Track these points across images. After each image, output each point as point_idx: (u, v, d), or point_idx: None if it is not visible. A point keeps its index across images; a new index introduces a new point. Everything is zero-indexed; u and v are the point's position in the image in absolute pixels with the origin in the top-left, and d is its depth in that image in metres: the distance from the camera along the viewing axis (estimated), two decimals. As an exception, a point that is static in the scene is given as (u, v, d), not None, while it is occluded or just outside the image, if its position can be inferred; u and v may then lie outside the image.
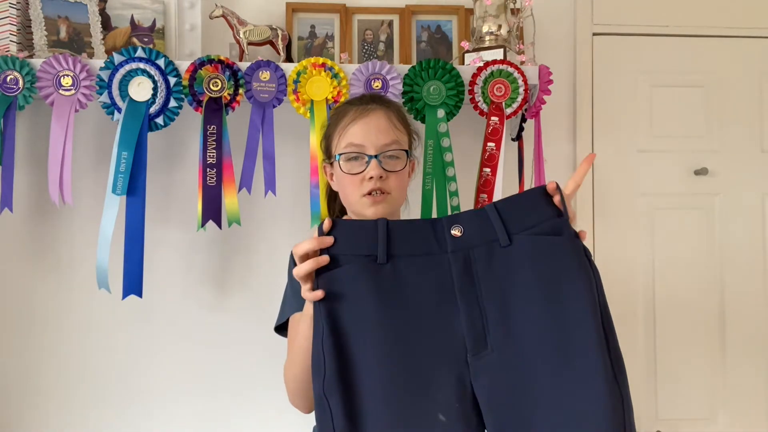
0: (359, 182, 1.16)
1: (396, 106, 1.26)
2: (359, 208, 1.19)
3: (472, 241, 0.88)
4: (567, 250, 0.87)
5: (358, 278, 0.88)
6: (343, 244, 0.91)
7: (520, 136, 1.73)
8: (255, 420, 1.74)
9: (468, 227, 0.89)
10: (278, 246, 1.72)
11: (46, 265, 1.71)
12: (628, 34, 1.92)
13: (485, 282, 0.87)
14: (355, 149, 1.17)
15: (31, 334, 1.71)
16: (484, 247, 0.88)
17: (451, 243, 0.89)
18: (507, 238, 0.88)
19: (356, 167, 1.17)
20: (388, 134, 1.18)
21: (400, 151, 1.18)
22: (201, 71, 1.53)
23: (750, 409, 1.90)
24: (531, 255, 0.87)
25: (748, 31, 1.94)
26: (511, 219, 0.89)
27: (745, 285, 1.92)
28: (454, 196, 1.60)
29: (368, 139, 1.17)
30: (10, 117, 1.52)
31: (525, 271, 0.87)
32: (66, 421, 1.70)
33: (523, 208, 0.89)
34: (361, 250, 0.90)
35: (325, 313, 0.87)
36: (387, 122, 1.19)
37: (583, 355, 0.82)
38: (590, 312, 0.83)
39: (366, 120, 1.18)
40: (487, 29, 1.66)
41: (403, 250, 0.89)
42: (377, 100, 1.24)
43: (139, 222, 1.50)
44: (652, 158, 1.92)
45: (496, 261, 0.88)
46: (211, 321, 1.74)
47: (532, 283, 0.86)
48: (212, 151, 1.54)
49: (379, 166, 1.15)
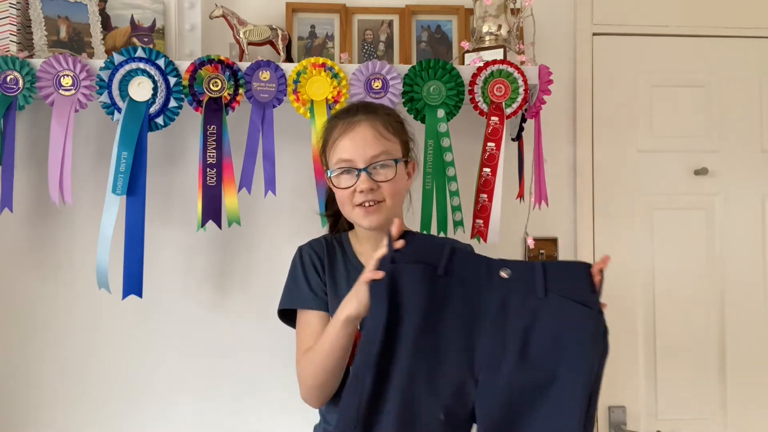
0: (351, 195, 1.21)
1: (384, 113, 1.28)
2: (354, 219, 1.25)
3: (515, 285, 1.03)
4: (589, 323, 1.00)
5: (418, 279, 1.04)
6: (413, 251, 1.07)
7: (520, 136, 1.73)
8: (255, 420, 1.74)
9: (515, 273, 1.04)
10: (278, 246, 1.72)
11: (46, 265, 1.71)
12: (628, 34, 1.92)
13: (513, 320, 1.02)
14: (345, 164, 1.21)
15: (30, 334, 1.70)
16: (522, 292, 1.03)
17: (497, 280, 1.04)
18: (543, 292, 1.02)
19: (347, 181, 1.22)
20: (376, 146, 1.21)
21: (390, 160, 1.21)
22: (201, 71, 1.53)
23: (750, 409, 1.90)
24: (557, 314, 1.01)
25: (748, 31, 1.94)
26: (553, 279, 1.02)
27: (745, 285, 1.92)
28: (454, 195, 1.60)
29: (356, 152, 1.20)
30: (10, 117, 1.52)
31: (546, 325, 1.00)
32: (66, 421, 1.70)
33: (566, 274, 1.04)
34: (427, 259, 1.06)
35: (388, 297, 1.02)
36: (373, 133, 1.22)
37: (564, 416, 0.98)
38: (581, 387, 0.98)
39: (352, 134, 1.21)
40: (487, 29, 1.66)
41: (459, 272, 1.05)
42: (364, 109, 1.26)
43: (139, 222, 1.50)
44: (652, 158, 1.92)
45: (528, 307, 1.02)
46: (211, 321, 1.74)
47: (548, 338, 1.00)
48: (212, 151, 1.54)
49: (369, 178, 1.19)
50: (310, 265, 1.30)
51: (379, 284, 1.04)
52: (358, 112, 1.25)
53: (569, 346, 0.98)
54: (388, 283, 1.03)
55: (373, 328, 1.02)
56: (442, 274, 1.05)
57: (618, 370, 1.85)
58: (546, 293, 1.01)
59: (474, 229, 1.62)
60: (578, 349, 0.98)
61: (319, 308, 1.27)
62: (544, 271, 1.03)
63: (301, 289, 1.28)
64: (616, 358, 1.85)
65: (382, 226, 1.22)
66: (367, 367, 1.00)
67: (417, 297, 1.03)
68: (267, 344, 1.72)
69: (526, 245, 1.78)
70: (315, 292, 1.27)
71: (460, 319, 1.03)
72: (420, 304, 1.02)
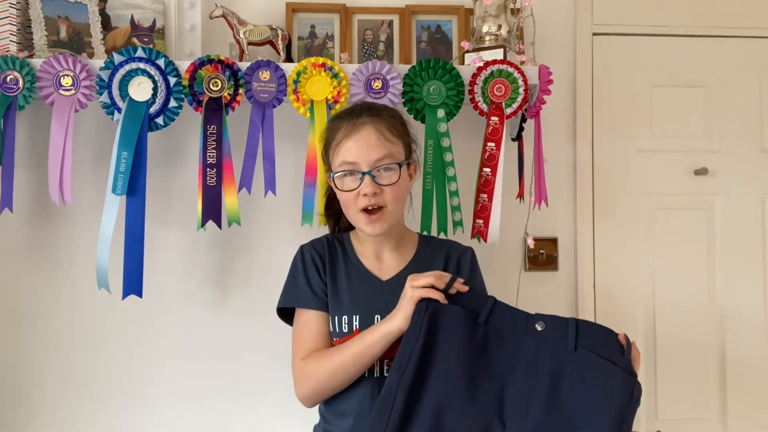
0: (354, 198, 1.22)
1: (388, 115, 1.27)
2: (358, 225, 1.25)
3: (548, 338, 1.09)
4: (616, 381, 1.04)
5: (461, 320, 1.11)
6: (460, 296, 1.14)
7: (520, 136, 1.73)
8: (255, 419, 1.74)
9: (549, 326, 1.10)
10: (278, 246, 1.72)
11: (46, 265, 1.71)
12: (628, 34, 1.92)
13: (543, 369, 1.07)
14: (349, 167, 1.21)
15: (30, 334, 1.70)
16: (554, 344, 1.09)
17: (532, 332, 1.10)
18: (573, 346, 1.08)
19: (350, 183, 1.22)
20: (380, 149, 1.21)
21: (393, 164, 1.22)
22: (201, 71, 1.53)
23: (749, 409, 1.90)
24: (584, 367, 1.06)
25: (748, 31, 1.94)
26: (584, 335, 1.09)
27: (745, 285, 1.92)
28: (454, 195, 1.60)
29: (360, 155, 1.20)
30: (10, 117, 1.52)
31: (573, 377, 1.05)
32: (66, 421, 1.70)
33: (597, 333, 1.11)
34: (470, 306, 1.13)
35: (426, 327, 1.09)
36: (378, 136, 1.22)
37: None
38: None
39: (356, 137, 1.21)
40: (487, 29, 1.66)
41: (498, 322, 1.12)
42: (368, 111, 1.26)
43: (139, 222, 1.50)
44: (652, 158, 1.92)
45: (558, 358, 1.08)
46: (211, 321, 1.74)
47: (573, 389, 1.05)
48: (212, 151, 1.54)
49: (372, 182, 1.20)
50: (311, 264, 1.29)
51: (422, 310, 1.10)
52: (363, 114, 1.25)
53: (596, 399, 1.03)
54: (432, 314, 1.10)
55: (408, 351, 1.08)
56: (482, 322, 1.12)
57: (618, 370, 1.86)
58: (576, 347, 1.08)
59: (474, 229, 1.62)
60: (603, 401, 1.03)
61: (318, 308, 1.27)
62: (576, 326, 1.10)
63: (301, 289, 1.28)
64: (616, 358, 1.87)
65: (385, 234, 1.25)
66: (401, 387, 1.05)
67: (456, 335, 1.09)
68: (267, 344, 1.71)
69: (526, 245, 1.79)
70: (315, 291, 1.27)
71: (494, 365, 1.08)
72: (458, 342, 1.09)
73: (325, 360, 1.20)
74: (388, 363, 1.18)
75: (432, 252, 1.34)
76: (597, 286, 1.88)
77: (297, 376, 1.24)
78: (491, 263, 1.70)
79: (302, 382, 1.23)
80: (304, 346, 1.24)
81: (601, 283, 1.88)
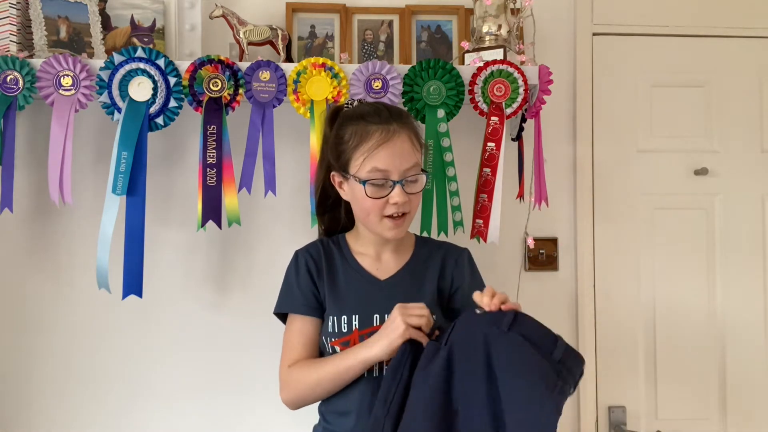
0: (382, 205, 1.21)
1: (412, 123, 1.28)
2: (380, 230, 1.25)
3: (484, 318, 1.10)
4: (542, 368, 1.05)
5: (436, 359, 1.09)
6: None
7: (520, 136, 1.73)
8: (255, 419, 1.74)
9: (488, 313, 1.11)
10: (278, 246, 1.72)
11: (46, 265, 1.71)
12: (628, 34, 1.92)
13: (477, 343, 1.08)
14: (381, 175, 1.20)
15: (30, 334, 1.70)
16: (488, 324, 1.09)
17: (474, 317, 1.13)
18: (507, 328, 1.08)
19: (380, 192, 1.21)
20: (410, 158, 1.22)
21: (420, 174, 1.24)
22: (201, 71, 1.53)
23: (749, 409, 1.90)
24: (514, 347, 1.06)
25: (748, 31, 1.94)
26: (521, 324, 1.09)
27: (744, 285, 1.92)
28: (454, 196, 1.60)
29: (393, 164, 1.20)
30: (10, 117, 1.52)
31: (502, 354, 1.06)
32: (66, 421, 1.70)
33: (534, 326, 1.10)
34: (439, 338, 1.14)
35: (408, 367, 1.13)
36: (410, 146, 1.23)
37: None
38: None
39: (391, 144, 1.20)
40: (487, 29, 1.66)
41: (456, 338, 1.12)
42: (398, 118, 1.25)
43: (139, 222, 1.50)
44: (652, 158, 1.92)
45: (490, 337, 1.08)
46: (212, 321, 1.74)
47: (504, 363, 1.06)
48: (212, 151, 1.54)
49: (403, 191, 1.20)
50: (304, 269, 1.30)
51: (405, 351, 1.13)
52: (392, 121, 1.22)
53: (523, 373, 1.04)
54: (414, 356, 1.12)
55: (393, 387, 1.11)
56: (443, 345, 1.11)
57: (618, 370, 1.86)
58: (509, 330, 1.07)
59: (474, 229, 1.62)
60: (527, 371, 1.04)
61: (310, 314, 1.29)
62: (515, 317, 1.08)
63: (294, 294, 1.30)
64: (616, 358, 1.87)
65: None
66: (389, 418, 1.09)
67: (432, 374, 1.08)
68: (267, 344, 1.71)
69: (526, 245, 1.78)
70: (306, 297, 1.29)
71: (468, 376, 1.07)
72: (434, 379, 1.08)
73: (309, 371, 1.24)
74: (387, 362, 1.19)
75: (429, 253, 1.35)
76: (597, 286, 1.87)
77: (283, 380, 1.28)
78: (491, 263, 1.71)
79: (287, 388, 1.28)
80: (292, 354, 1.28)
81: (601, 282, 1.88)
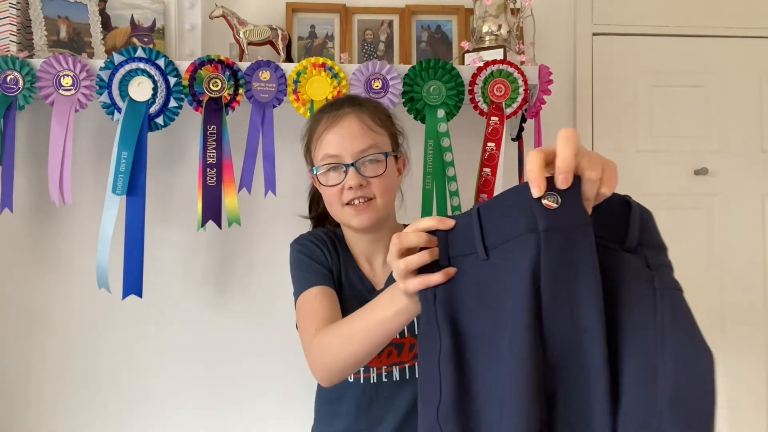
0: (339, 192, 1.12)
1: (371, 105, 1.19)
2: (344, 219, 1.15)
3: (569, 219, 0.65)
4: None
5: (468, 280, 0.73)
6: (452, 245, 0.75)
7: (520, 136, 1.73)
8: (254, 419, 1.74)
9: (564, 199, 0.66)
10: (278, 246, 1.71)
11: (46, 265, 1.71)
12: (628, 34, 1.92)
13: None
14: (332, 160, 1.12)
15: (30, 334, 1.71)
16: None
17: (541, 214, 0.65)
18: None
19: (334, 178, 1.12)
20: (363, 139, 1.11)
21: (379, 154, 1.12)
22: (201, 71, 1.53)
23: (749, 409, 1.90)
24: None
25: (748, 31, 1.94)
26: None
27: (744, 285, 1.92)
28: (454, 196, 1.60)
29: (343, 147, 1.11)
30: (10, 117, 1.52)
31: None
32: (66, 421, 1.70)
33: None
34: (464, 249, 0.74)
35: (448, 325, 0.73)
36: (360, 126, 1.12)
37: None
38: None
39: (338, 128, 1.12)
40: (487, 29, 1.66)
41: (496, 239, 0.71)
42: (349, 102, 1.17)
43: (139, 222, 1.50)
44: (652, 158, 1.92)
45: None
46: (211, 321, 1.74)
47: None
48: (212, 151, 1.54)
49: (357, 174, 1.10)
50: (313, 245, 1.20)
51: (429, 300, 0.76)
52: (344, 105, 1.16)
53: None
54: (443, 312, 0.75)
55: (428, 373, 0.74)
56: (484, 257, 0.72)
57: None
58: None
59: (474, 229, 1.62)
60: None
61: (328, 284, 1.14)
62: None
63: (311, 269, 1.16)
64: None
65: (373, 227, 1.14)
66: (445, 421, 0.70)
67: (470, 300, 0.74)
68: (266, 344, 1.72)
69: (526, 245, 1.78)
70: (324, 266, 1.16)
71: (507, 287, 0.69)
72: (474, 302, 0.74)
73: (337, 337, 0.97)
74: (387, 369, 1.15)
75: None
76: (597, 286, 1.87)
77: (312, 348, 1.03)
78: (491, 263, 1.70)
79: (316, 353, 1.01)
80: (318, 316, 1.07)
81: (601, 283, 1.88)
